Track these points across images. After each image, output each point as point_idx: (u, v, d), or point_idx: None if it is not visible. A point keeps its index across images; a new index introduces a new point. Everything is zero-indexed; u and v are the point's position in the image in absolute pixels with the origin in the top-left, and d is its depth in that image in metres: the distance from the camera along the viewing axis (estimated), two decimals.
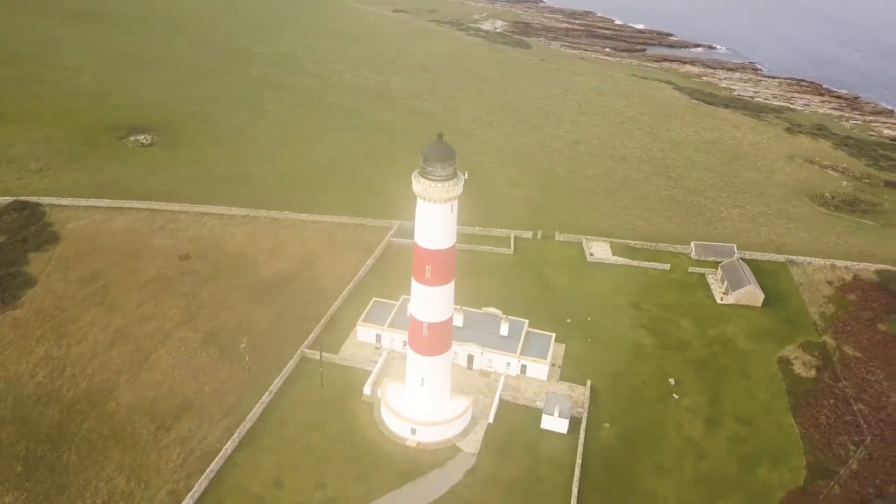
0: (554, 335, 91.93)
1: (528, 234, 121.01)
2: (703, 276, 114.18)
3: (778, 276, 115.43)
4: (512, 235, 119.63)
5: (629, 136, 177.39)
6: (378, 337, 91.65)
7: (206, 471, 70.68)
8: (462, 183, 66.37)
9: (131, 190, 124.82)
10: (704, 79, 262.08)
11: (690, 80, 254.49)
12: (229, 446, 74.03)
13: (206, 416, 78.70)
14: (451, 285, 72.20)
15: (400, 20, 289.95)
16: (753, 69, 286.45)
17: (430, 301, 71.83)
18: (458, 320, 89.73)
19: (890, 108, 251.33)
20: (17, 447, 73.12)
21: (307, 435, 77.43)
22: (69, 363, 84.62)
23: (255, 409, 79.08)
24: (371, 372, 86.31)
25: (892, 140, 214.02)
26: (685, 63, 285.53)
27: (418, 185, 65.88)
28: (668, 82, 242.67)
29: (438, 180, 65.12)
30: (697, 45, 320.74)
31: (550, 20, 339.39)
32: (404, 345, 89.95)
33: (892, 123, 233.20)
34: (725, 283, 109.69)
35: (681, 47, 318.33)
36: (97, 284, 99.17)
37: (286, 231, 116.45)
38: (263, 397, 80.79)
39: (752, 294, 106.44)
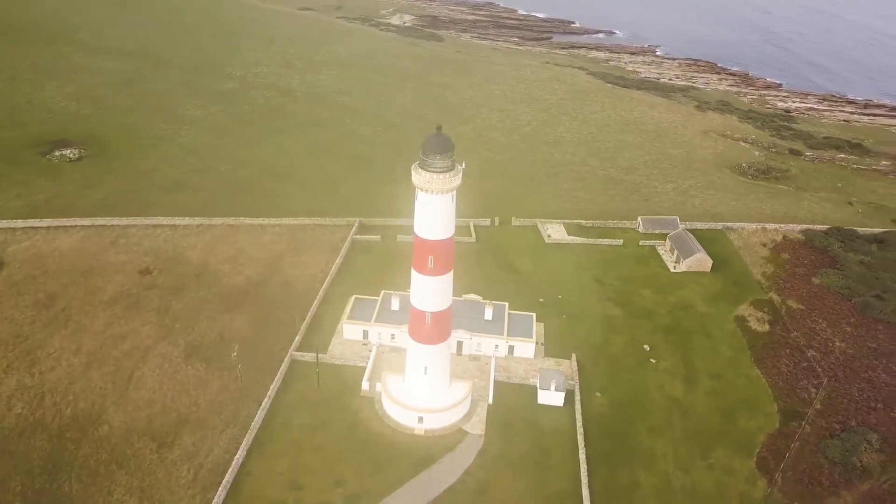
0: (534, 315, 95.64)
1: (486, 222, 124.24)
2: (653, 248, 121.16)
3: (718, 242, 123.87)
4: (471, 224, 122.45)
5: (557, 121, 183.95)
6: (365, 333, 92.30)
7: (223, 482, 69.69)
8: (461, 173, 68.39)
9: (71, 207, 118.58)
10: (612, 63, 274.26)
11: (600, 65, 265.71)
12: (239, 455, 73.14)
13: (207, 428, 77.21)
14: (451, 274, 74.20)
15: (310, 18, 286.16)
16: (653, 52, 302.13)
17: (433, 290, 73.58)
18: None
19: (778, 82, 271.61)
20: (11, 483, 69.38)
21: (314, 435, 77.49)
22: (47, 391, 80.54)
23: (256, 415, 78.27)
24: (365, 368, 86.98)
25: (786, 112, 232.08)
26: (591, 49, 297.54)
27: (419, 177, 67.39)
28: (581, 68, 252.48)
29: (439, 171, 66.86)
30: (599, 32, 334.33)
31: (456, 12, 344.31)
32: (392, 338, 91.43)
33: (784, 96, 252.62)
34: (676, 252, 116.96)
35: (583, 34, 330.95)
36: (56, 308, 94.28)
37: (246, 237, 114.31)
38: (263, 403, 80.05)
39: (701, 261, 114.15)
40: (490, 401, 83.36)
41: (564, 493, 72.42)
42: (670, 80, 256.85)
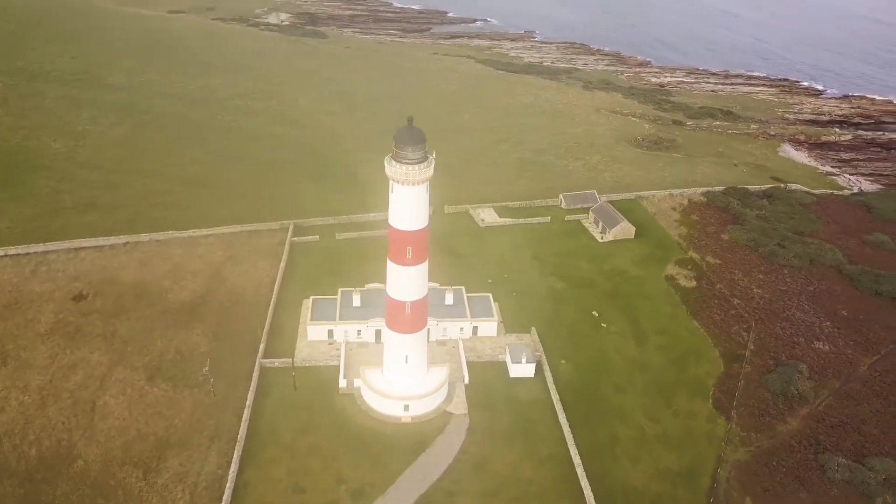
0: (490, 295, 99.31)
1: None
2: (578, 221, 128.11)
3: (634, 210, 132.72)
4: None
5: (460, 110, 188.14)
6: (330, 333, 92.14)
7: (223, 497, 68.34)
8: (433, 164, 70.38)
9: None
10: (495, 50, 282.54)
11: (484, 53, 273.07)
12: (234, 468, 71.78)
13: (191, 447, 75.01)
14: (427, 263, 76.15)
15: (185, 21, 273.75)
16: (531, 37, 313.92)
17: (412, 280, 75.34)
18: None
19: (648, 59, 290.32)
20: None
21: (304, 438, 77.23)
22: (3, 434, 75.09)
23: (241, 427, 76.83)
24: (338, 366, 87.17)
25: (661, 86, 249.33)
26: (473, 38, 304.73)
27: (394, 169, 68.75)
28: (468, 56, 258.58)
29: (413, 163, 68.53)
30: (475, 20, 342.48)
31: (332, 8, 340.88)
32: (359, 334, 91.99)
33: (655, 72, 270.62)
34: (601, 223, 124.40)
35: (460, 23, 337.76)
36: None
37: (179, 251, 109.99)
38: (244, 413, 78.63)
39: (625, 229, 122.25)
40: (466, 381, 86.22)
41: (555, 456, 76.75)
42: (552, 63, 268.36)
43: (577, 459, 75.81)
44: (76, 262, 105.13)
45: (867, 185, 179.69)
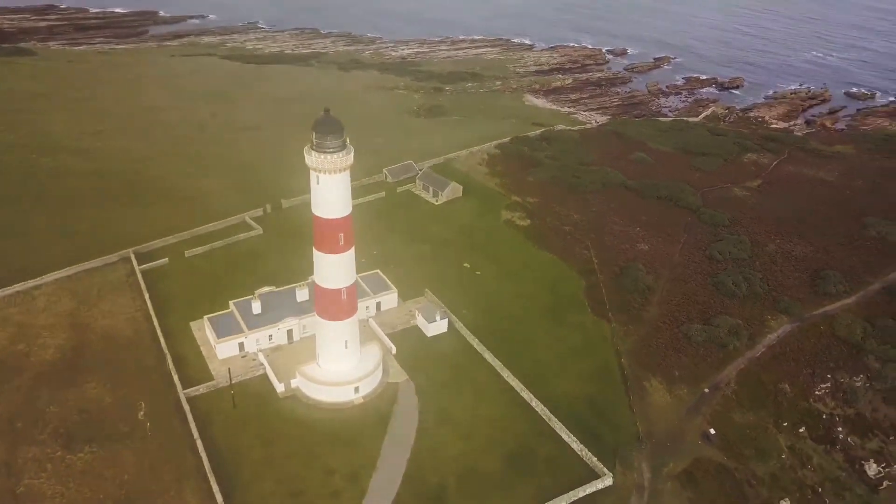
0: (378, 270, 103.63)
1: (259, 212, 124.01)
2: (409, 191, 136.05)
3: (449, 172, 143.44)
4: (246, 217, 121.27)
5: (237, 107, 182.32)
6: (241, 346, 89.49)
7: None
8: (352, 149, 73.18)
9: None
10: (230, 45, 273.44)
11: (222, 49, 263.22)
12: (220, 500, 68.95)
13: (160, 495, 70.27)
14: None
15: None
16: (259, 28, 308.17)
17: (346, 266, 77.64)
18: (305, 294, 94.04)
19: (379, 35, 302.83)
20: None
21: (272, 448, 76.36)
22: None
23: (203, 460, 73.24)
24: (264, 375, 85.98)
25: (403, 59, 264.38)
26: (200, 35, 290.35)
27: (318, 159, 70.41)
28: (209, 54, 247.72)
29: (336, 151, 70.90)
30: (190, 17, 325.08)
31: (20, 21, 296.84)
32: (270, 339, 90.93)
33: (392, 46, 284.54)
34: (431, 188, 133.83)
35: (177, 22, 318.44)
36: None
37: (15, 310, 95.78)
38: (198, 446, 74.82)
39: (455, 188, 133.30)
40: (393, 351, 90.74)
41: (500, 389, 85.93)
42: (294, 50, 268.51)
43: (518, 386, 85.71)
44: None
45: (599, 117, 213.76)
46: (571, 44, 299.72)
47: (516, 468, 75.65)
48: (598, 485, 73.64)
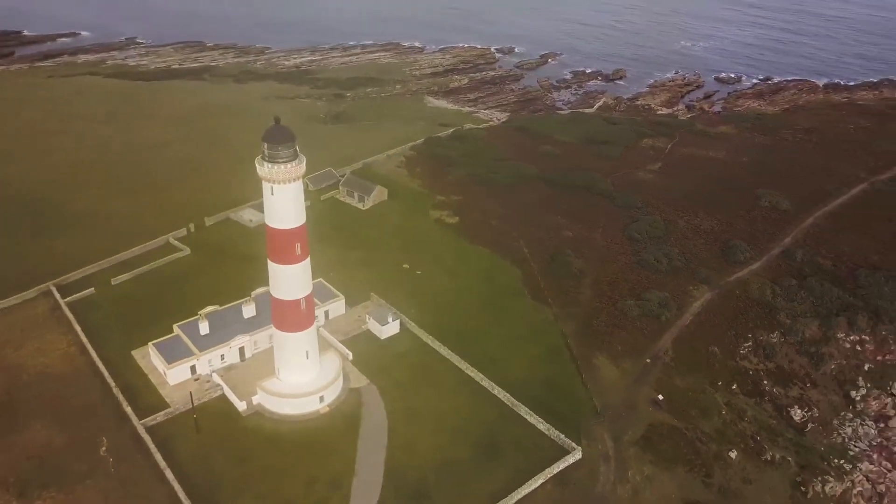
0: (322, 279, 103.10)
1: (183, 232, 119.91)
2: (333, 197, 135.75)
3: (370, 176, 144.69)
4: (170, 238, 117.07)
5: (137, 126, 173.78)
6: (193, 368, 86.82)
7: None
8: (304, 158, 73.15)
9: None
10: (111, 63, 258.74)
11: (103, 67, 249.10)
12: None
13: None
14: None
15: None
16: (139, 43, 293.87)
17: (303, 275, 77.37)
18: (252, 310, 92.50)
19: (267, 45, 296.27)
20: None
21: (246, 466, 75.13)
22: None
23: (175, 488, 70.88)
24: (222, 395, 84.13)
25: (297, 67, 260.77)
26: (75, 53, 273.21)
27: (272, 169, 70.03)
28: (91, 73, 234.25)
29: (289, 161, 70.79)
30: (60, 36, 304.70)
31: None
32: (222, 359, 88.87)
33: (283, 55, 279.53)
34: (356, 194, 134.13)
35: (45, 41, 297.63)
36: None
37: None
38: (167, 475, 72.35)
39: (381, 192, 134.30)
40: (350, 357, 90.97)
41: (459, 380, 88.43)
42: (181, 64, 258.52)
43: (477, 376, 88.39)
44: None
45: (499, 114, 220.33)
46: (461, 44, 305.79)
47: (489, 454, 78.24)
48: (569, 459, 77.51)
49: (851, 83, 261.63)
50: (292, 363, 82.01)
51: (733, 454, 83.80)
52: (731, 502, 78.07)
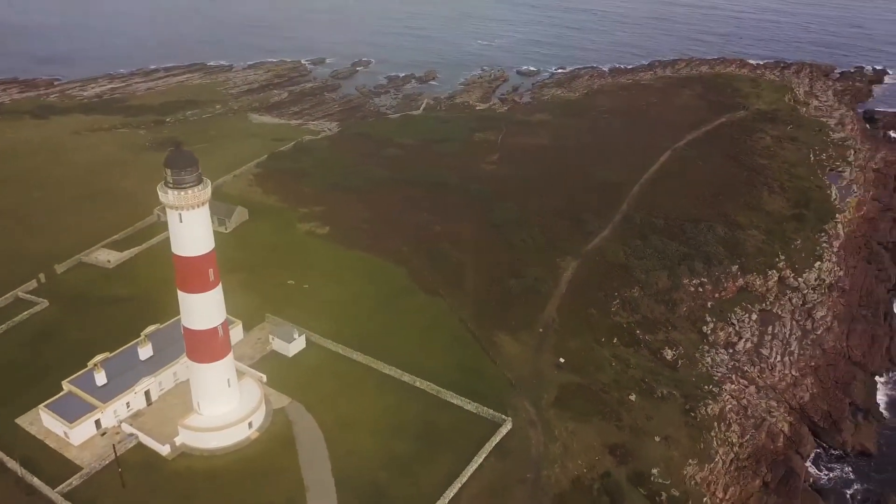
0: None
1: (33, 284, 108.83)
2: None
3: (223, 197, 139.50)
4: (19, 293, 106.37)
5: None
6: (98, 423, 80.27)
7: None
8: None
9: None
10: None
11: None
12: None
13: None
14: None
15: None
16: None
17: (217, 301, 75.16)
18: (149, 350, 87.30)
19: (56, 77, 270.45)
20: None
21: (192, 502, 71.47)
22: None
23: None
24: (138, 444, 79.04)
25: (100, 97, 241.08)
26: None
27: (177, 196, 67.88)
28: None
29: (195, 185, 68.92)
30: None
31: None
32: (128, 406, 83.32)
33: (79, 86, 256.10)
34: (216, 217, 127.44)
35: None
36: None
37: None
38: None
39: (241, 212, 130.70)
40: (264, 379, 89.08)
41: (384, 382, 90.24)
42: None
43: (396, 373, 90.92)
44: None
45: (329, 124, 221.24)
46: (270, 60, 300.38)
47: (430, 442, 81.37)
48: (503, 431, 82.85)
49: (630, 66, 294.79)
50: (214, 394, 79.02)
51: (633, 397, 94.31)
52: (642, 438, 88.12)
